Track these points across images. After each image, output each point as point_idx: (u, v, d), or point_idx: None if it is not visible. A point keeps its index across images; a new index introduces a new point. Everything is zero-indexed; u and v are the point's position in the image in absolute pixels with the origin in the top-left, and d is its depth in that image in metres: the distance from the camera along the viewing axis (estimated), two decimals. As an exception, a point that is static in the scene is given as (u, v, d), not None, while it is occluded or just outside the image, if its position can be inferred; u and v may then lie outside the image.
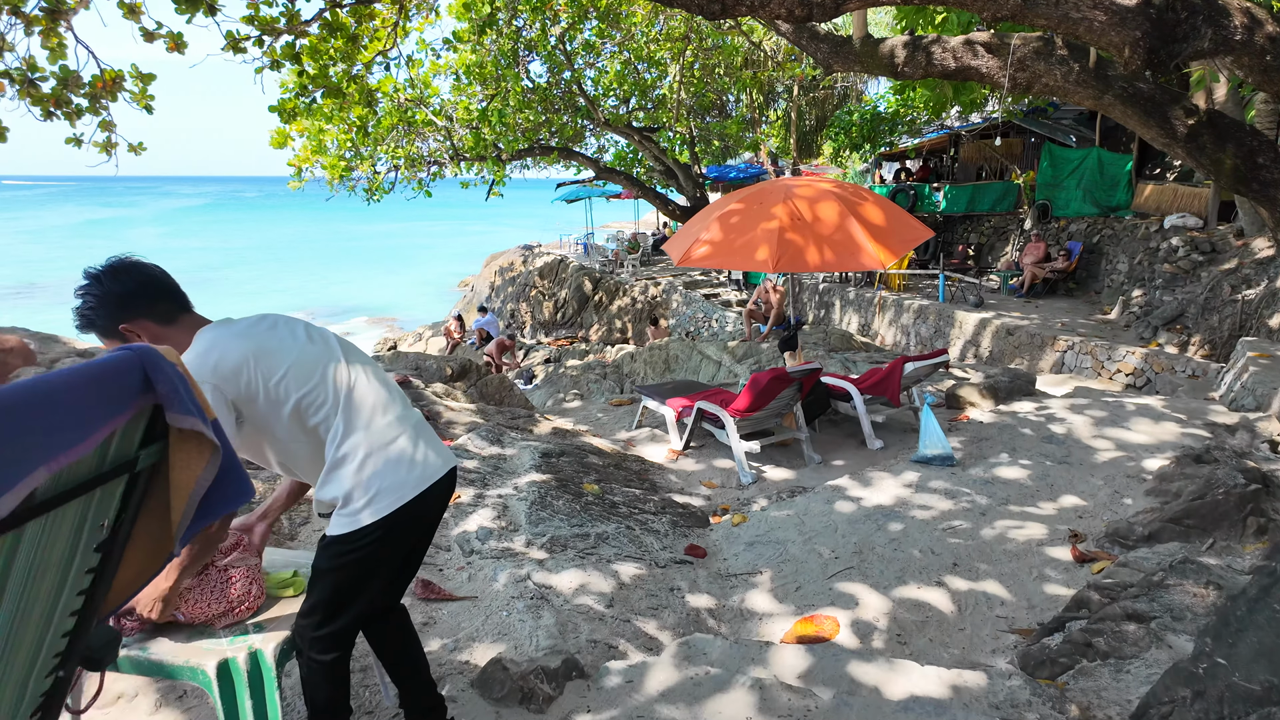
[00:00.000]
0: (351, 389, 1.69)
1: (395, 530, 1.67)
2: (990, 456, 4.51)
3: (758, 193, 4.74)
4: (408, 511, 1.66)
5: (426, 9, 11.33)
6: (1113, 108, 6.11)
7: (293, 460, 1.72)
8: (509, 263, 20.90)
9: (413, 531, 1.74)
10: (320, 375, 1.67)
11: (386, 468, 1.65)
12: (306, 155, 15.10)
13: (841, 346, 9.28)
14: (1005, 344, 10.85)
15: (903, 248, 4.42)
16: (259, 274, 43.35)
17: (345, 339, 1.86)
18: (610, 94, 17.53)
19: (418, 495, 1.68)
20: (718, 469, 4.85)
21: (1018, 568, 3.20)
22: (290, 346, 1.68)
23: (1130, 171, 13.06)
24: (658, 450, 5.21)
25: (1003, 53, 6.59)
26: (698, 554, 3.20)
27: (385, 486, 1.64)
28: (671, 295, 16.40)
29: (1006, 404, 5.70)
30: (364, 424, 1.67)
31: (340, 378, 1.69)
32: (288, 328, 1.74)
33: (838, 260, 4.23)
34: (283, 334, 1.71)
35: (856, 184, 4.87)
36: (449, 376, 5.47)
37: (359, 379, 1.72)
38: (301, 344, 1.70)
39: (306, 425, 1.65)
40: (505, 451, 3.90)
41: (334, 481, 1.65)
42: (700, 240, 4.55)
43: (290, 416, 1.63)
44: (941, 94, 11.60)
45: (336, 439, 1.65)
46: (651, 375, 9.85)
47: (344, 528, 1.64)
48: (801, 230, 4.30)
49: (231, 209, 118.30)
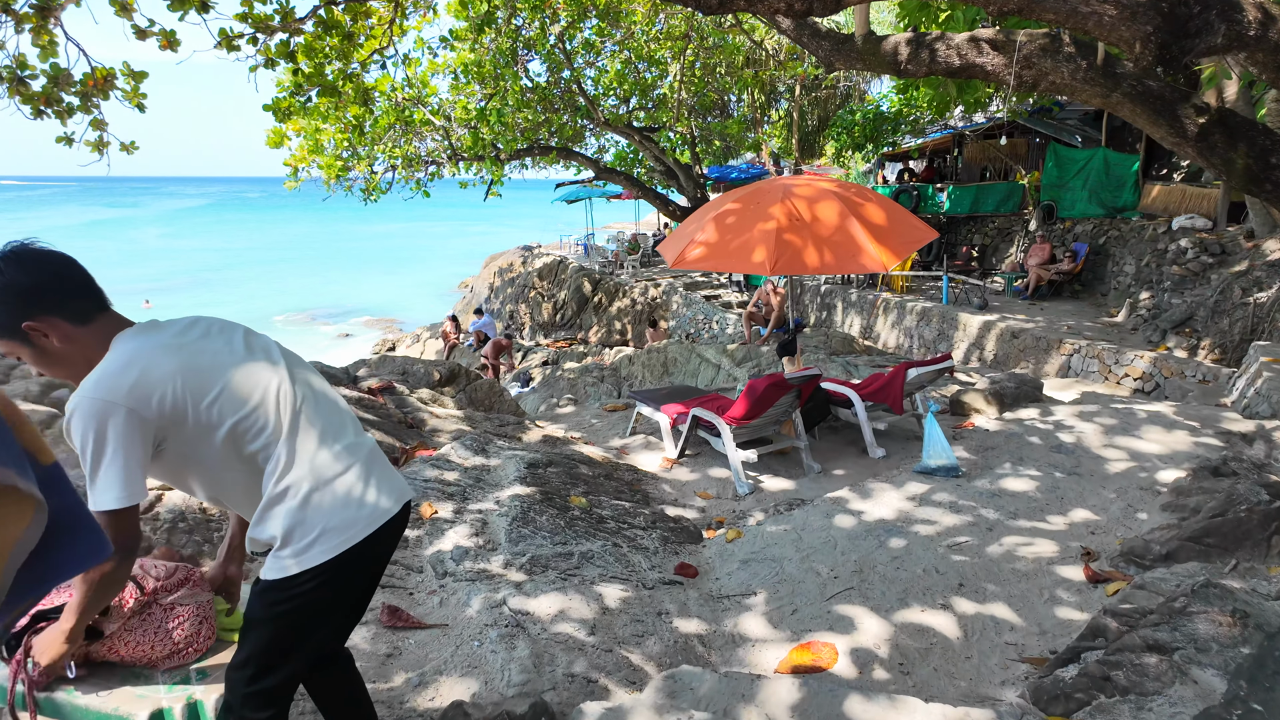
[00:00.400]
0: (297, 412, 1.48)
1: (341, 575, 1.46)
2: (996, 467, 4.33)
3: (755, 192, 4.57)
4: (355, 554, 1.46)
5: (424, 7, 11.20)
6: (1121, 106, 5.96)
7: (224, 492, 1.51)
8: (508, 263, 20.76)
9: (360, 576, 1.53)
10: (261, 395, 1.45)
11: (333, 505, 1.45)
12: (303, 155, 14.95)
13: (843, 350, 9.10)
14: (1010, 347, 10.66)
15: (905, 249, 4.25)
16: (259, 274, 43.27)
17: (290, 350, 1.65)
18: (610, 94, 17.37)
19: (367, 537, 1.47)
20: (713, 478, 4.67)
21: (1027, 589, 3.02)
22: (226, 360, 1.46)
23: (1137, 172, 12.87)
24: (652, 458, 5.04)
25: (1008, 50, 6.43)
26: (688, 573, 3.03)
27: (331, 526, 1.43)
28: (671, 297, 16.24)
29: (1012, 411, 5.52)
30: (309, 453, 1.46)
31: (284, 398, 1.47)
32: (224, 337, 1.52)
33: (838, 262, 4.05)
34: (217, 345, 1.49)
35: (858, 183, 4.69)
36: (437, 381, 5.31)
37: (306, 399, 1.51)
38: (239, 357, 1.49)
39: (243, 453, 1.44)
40: (489, 462, 3.73)
41: (272, 518, 1.44)
42: (695, 241, 4.38)
43: (224, 443, 1.42)
44: (945, 93, 11.41)
45: (277, 470, 1.44)
46: (649, 378, 9.68)
47: (282, 571, 1.43)
48: (800, 231, 4.13)
49: (234, 209, 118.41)
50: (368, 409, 4.15)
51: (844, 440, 5.38)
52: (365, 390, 4.40)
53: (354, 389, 4.39)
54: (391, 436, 3.97)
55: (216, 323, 1.57)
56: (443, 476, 3.38)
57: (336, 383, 4.41)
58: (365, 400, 4.23)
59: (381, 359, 5.39)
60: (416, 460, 3.61)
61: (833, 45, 7.18)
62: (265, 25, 8.03)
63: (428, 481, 3.29)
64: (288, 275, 43.01)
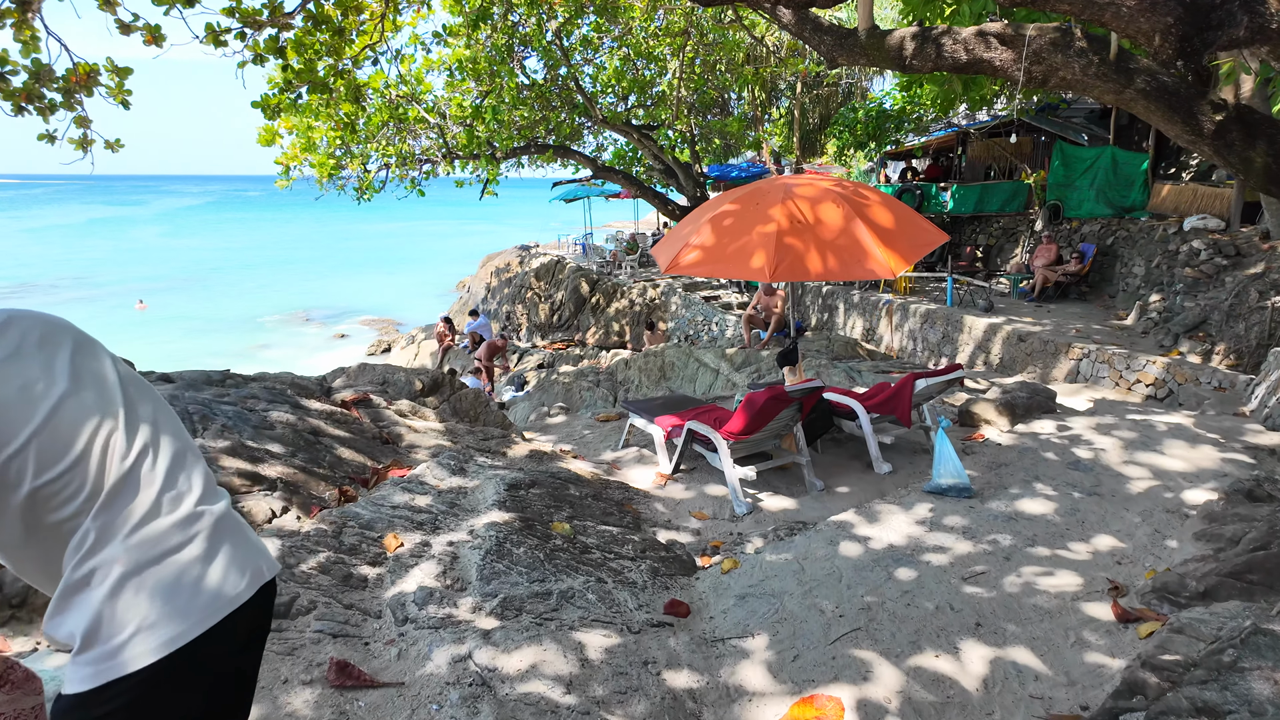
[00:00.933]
0: (129, 471, 1.12)
1: (166, 689, 1.08)
2: (1011, 486, 4.06)
3: (754, 192, 4.30)
4: (187, 660, 1.09)
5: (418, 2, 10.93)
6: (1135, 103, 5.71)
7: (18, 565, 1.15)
8: (505, 263, 20.49)
9: (200, 688, 1.14)
10: (82, 448, 1.09)
11: (155, 593, 1.09)
12: (295, 153, 14.68)
13: (845, 355, 8.83)
14: (1016, 351, 10.38)
15: (915, 253, 3.98)
16: (256, 273, 43.04)
17: (134, 373, 1.28)
18: (608, 91, 17.09)
19: (205, 633, 1.11)
20: (710, 496, 4.40)
21: (1051, 629, 2.75)
22: (39, 394, 1.08)
23: (1146, 171, 12.59)
24: (645, 473, 4.77)
25: (1017, 44, 6.18)
26: (679, 612, 2.76)
27: (150, 622, 1.07)
28: (670, 298, 15.96)
29: (1025, 423, 5.25)
30: (131, 524, 1.10)
31: (113, 452, 1.12)
32: (42, 356, 1.12)
33: (842, 268, 3.78)
34: (30, 370, 1.09)
35: (862, 182, 4.42)
36: (419, 391, 5.04)
37: (144, 452, 1.15)
38: (60, 390, 1.10)
39: (44, 521, 1.08)
40: (467, 483, 3.47)
41: (73, 609, 1.07)
42: (690, 245, 4.11)
43: (19, 510, 1.06)
44: (950, 90, 11.11)
45: (83, 548, 1.08)
46: (646, 383, 9.42)
47: (86, 681, 1.04)
48: (802, 234, 3.86)
49: (235, 208, 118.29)
50: (339, 424, 3.88)
51: (848, 454, 5.11)
52: (339, 403, 4.14)
53: (327, 402, 4.12)
54: (363, 455, 3.71)
55: (35, 328, 1.15)
56: (413, 502, 3.12)
57: (309, 394, 4.15)
58: (337, 415, 3.97)
59: (361, 367, 5.12)
60: (388, 482, 3.35)
61: (835, 40, 6.92)
62: (253, 20, 7.79)
63: (396, 509, 3.03)
64: (285, 274, 42.77)
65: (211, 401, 3.43)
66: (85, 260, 47.24)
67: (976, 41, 6.38)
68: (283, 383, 4.19)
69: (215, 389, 3.67)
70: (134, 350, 15.97)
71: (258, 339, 24.83)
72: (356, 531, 2.75)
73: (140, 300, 32.89)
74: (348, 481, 3.38)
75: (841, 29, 6.95)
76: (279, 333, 26.12)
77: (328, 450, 3.55)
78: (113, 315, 29.80)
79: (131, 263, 46.94)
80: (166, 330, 26.45)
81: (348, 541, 2.67)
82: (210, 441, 3.04)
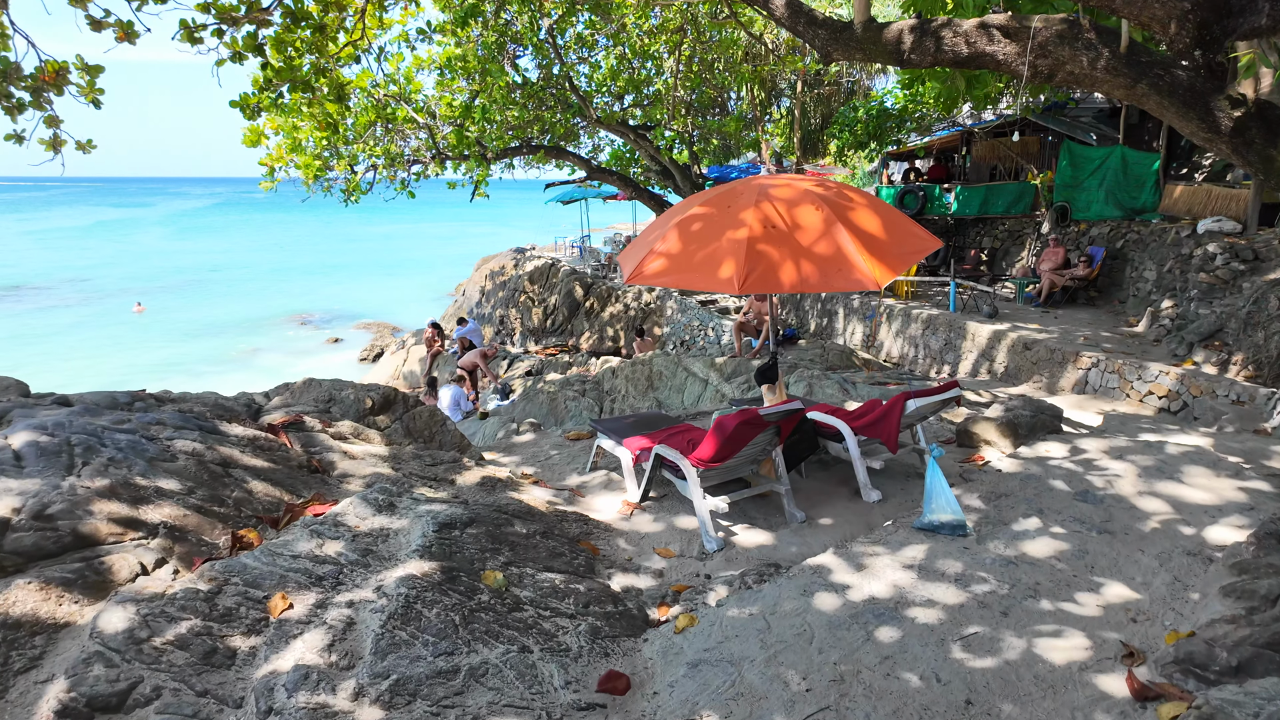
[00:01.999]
0: None
1: None
2: (1013, 521, 3.63)
3: (727, 194, 3.88)
4: None
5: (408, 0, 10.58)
6: (1147, 98, 5.33)
7: None
8: (500, 266, 20.12)
9: None
10: None
11: None
12: (280, 154, 14.33)
13: (840, 365, 8.41)
14: (1022, 359, 9.93)
15: (903, 262, 3.56)
16: (256, 276, 42.84)
17: None
18: (604, 90, 16.68)
19: None
20: (679, 529, 3.99)
21: (1054, 709, 2.33)
22: None
23: (1158, 171, 12.12)
24: (611, 501, 4.36)
25: (1022, 37, 5.78)
26: (616, 688, 2.35)
27: None
28: (666, 302, 15.56)
29: (1029, 445, 4.81)
30: None
31: None
32: None
33: (821, 278, 3.37)
34: None
35: (847, 184, 4.00)
36: (368, 409, 4.64)
37: None
38: None
39: None
40: (393, 523, 3.06)
41: None
42: (655, 252, 3.70)
43: None
44: (953, 87, 10.68)
45: None
46: (633, 393, 9.01)
47: None
48: (777, 241, 3.44)
49: (240, 210, 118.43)
50: (260, 452, 3.48)
51: (835, 479, 4.68)
52: (264, 427, 3.74)
53: (251, 426, 3.72)
54: (281, 488, 3.31)
55: None
56: (320, 550, 2.71)
57: (232, 417, 3.76)
58: (261, 441, 3.57)
59: (307, 383, 4.73)
60: (299, 524, 2.94)
61: (830, 34, 6.52)
62: (229, 16, 7.43)
63: (296, 558, 2.62)
64: (285, 277, 42.55)
65: (105, 430, 3.04)
66: (86, 262, 47.13)
67: (978, 34, 5.97)
68: (205, 404, 3.80)
69: (116, 414, 3.28)
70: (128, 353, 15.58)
71: (250, 343, 24.52)
72: (239, 590, 2.35)
73: (138, 303, 32.68)
74: (253, 522, 2.98)
75: (836, 22, 6.55)
76: (272, 336, 25.80)
77: (238, 484, 3.15)
78: (110, 317, 29.60)
79: (132, 265, 46.82)
80: (162, 333, 26.17)
81: (224, 604, 2.27)
82: (86, 481, 2.64)
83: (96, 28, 6.72)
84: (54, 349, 23.31)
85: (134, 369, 20.58)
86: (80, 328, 27.10)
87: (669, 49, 15.64)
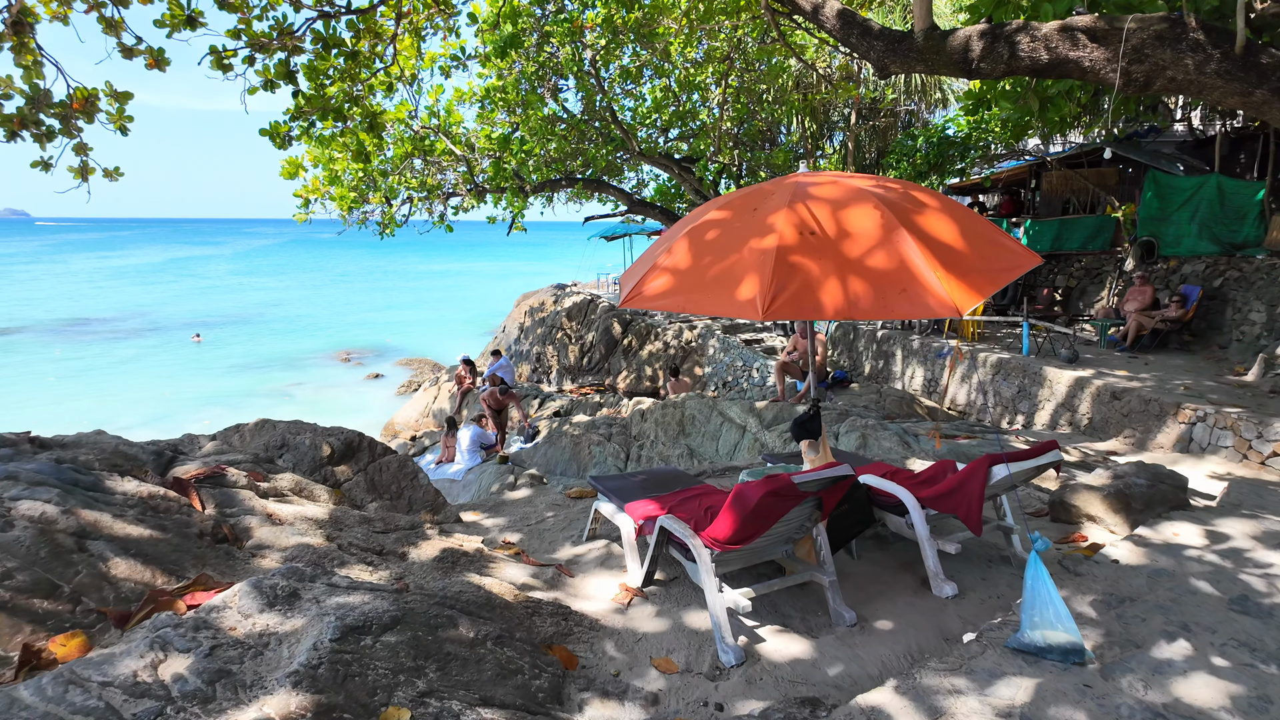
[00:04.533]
0: None
1: None
2: (1150, 644, 2.60)
3: (754, 193, 3.03)
4: None
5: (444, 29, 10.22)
6: (1269, 107, 4.37)
7: None
8: (539, 302, 19.62)
9: None
10: None
11: None
12: (316, 186, 14.13)
13: (900, 413, 7.36)
14: (1110, 410, 8.68)
15: (992, 283, 2.63)
16: (311, 311, 43.72)
17: None
18: (647, 124, 16.15)
19: None
20: (688, 630, 3.06)
21: None
22: None
23: (1262, 201, 10.79)
24: (606, 583, 3.46)
25: (1113, 40, 4.90)
26: None
27: None
28: (708, 340, 14.67)
29: (1150, 525, 3.73)
30: None
31: None
32: None
33: (877, 301, 2.46)
34: None
35: (913, 183, 3.09)
36: (325, 458, 3.88)
37: None
38: None
39: None
40: (283, 625, 2.24)
41: None
42: (658, 268, 2.86)
43: None
44: (1024, 107, 9.69)
45: None
46: (663, 438, 8.11)
47: None
48: (816, 252, 2.56)
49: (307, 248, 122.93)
50: (145, 516, 2.71)
51: (896, 563, 3.68)
52: (168, 483, 2.99)
53: (149, 481, 2.98)
54: (156, 567, 2.52)
55: None
56: (151, 673, 1.90)
57: (130, 469, 3.02)
58: (154, 502, 2.81)
59: (260, 425, 4.00)
60: (147, 625, 2.14)
61: (886, 45, 5.79)
62: (261, 43, 7.05)
63: (106, 687, 1.81)
64: (340, 312, 43.29)
65: (-79, 487, 2.31)
66: (155, 297, 49.02)
67: (1060, 38, 5.16)
68: (101, 451, 3.07)
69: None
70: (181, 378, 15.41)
71: (293, 377, 24.54)
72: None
73: (197, 333, 33.49)
74: (92, 619, 2.20)
75: (894, 32, 5.79)
76: (315, 371, 25.81)
77: (91, 563, 2.38)
78: (169, 347, 30.44)
79: (198, 299, 48.44)
80: (213, 365, 26.53)
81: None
82: None
83: (128, 55, 6.43)
84: (107, 379, 23.73)
85: (179, 400, 20.66)
86: (138, 359, 27.76)
87: (715, 79, 15.06)
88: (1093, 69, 4.86)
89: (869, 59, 5.76)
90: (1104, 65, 4.83)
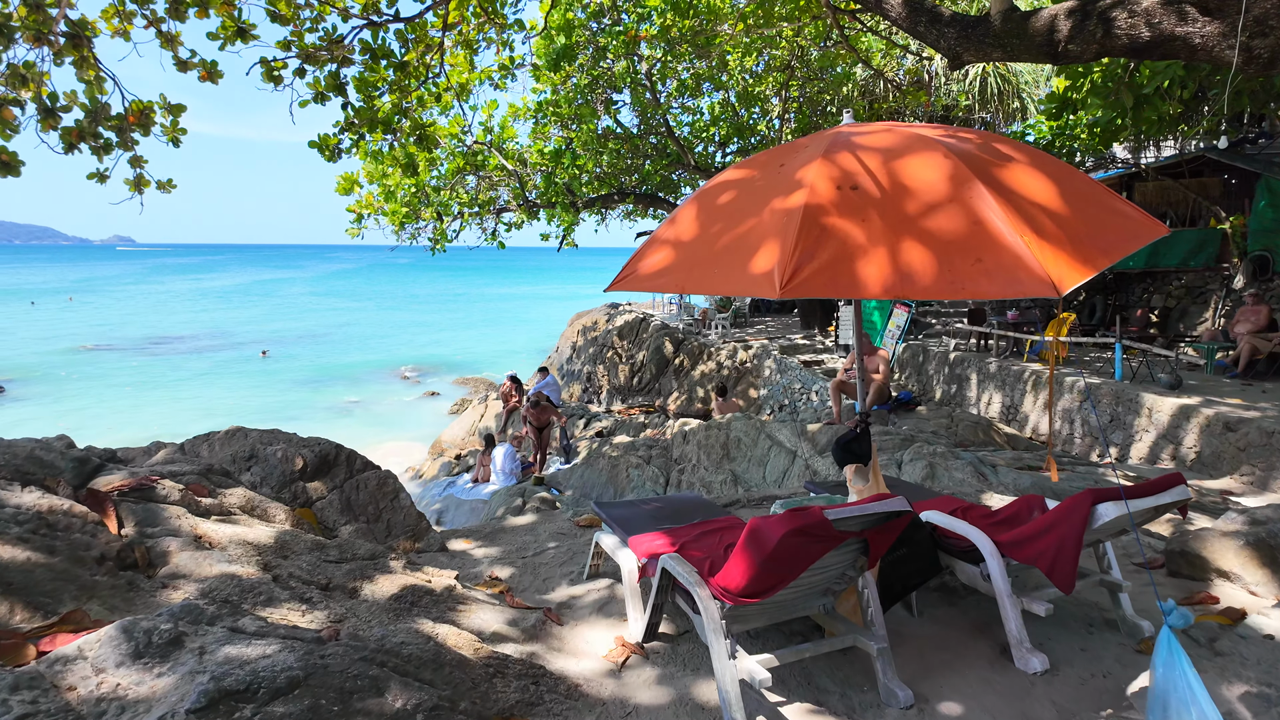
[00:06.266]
0: None
1: None
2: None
3: (784, 150, 2.40)
4: None
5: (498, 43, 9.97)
6: None
7: None
8: (592, 321, 19.19)
9: None
10: None
11: None
12: (370, 202, 14.12)
13: (975, 440, 6.49)
14: (1223, 443, 7.54)
15: (1105, 254, 1.92)
16: (378, 330, 44.77)
17: None
18: (704, 137, 15.63)
19: None
20: (695, 703, 2.40)
21: None
22: None
23: (1402, 209, 9.44)
24: (601, 635, 2.83)
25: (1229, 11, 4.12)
26: None
27: None
28: (764, 361, 13.89)
29: (1311, 588, 2.87)
30: None
31: None
32: None
33: (945, 276, 1.79)
34: None
35: (995, 133, 2.39)
36: (297, 472, 3.40)
37: None
38: None
39: None
40: (138, 686, 1.71)
41: None
42: (659, 240, 2.27)
43: None
44: (1117, 104, 8.71)
45: None
46: (706, 462, 7.43)
47: None
48: (858, 212, 1.92)
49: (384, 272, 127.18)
50: (33, 535, 2.25)
51: (967, 624, 2.92)
52: (81, 497, 2.54)
53: (57, 493, 2.52)
54: (21, 600, 2.04)
55: None
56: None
57: (44, 477, 2.58)
58: (51, 519, 2.35)
59: (231, 433, 3.57)
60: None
61: (959, 31, 5.16)
62: (312, 55, 6.95)
63: None
64: (404, 331, 44.21)
65: None
66: (235, 316, 51.32)
67: (1164, 12, 4.39)
68: (14, 455, 2.65)
69: None
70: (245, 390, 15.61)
71: (351, 393, 24.85)
72: None
73: (264, 350, 34.64)
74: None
75: (967, 17, 5.14)
76: (373, 387, 26.11)
77: (-69, 593, 1.91)
78: (237, 361, 31.62)
79: (273, 319, 50.39)
80: (278, 380, 27.21)
81: None
82: None
83: (183, 68, 6.37)
84: (177, 391, 24.55)
85: (240, 411, 21.08)
86: (209, 368, 28.78)
87: (775, 90, 14.46)
88: (1204, 46, 4.08)
89: (940, 49, 5.14)
90: (1218, 42, 4.05)
